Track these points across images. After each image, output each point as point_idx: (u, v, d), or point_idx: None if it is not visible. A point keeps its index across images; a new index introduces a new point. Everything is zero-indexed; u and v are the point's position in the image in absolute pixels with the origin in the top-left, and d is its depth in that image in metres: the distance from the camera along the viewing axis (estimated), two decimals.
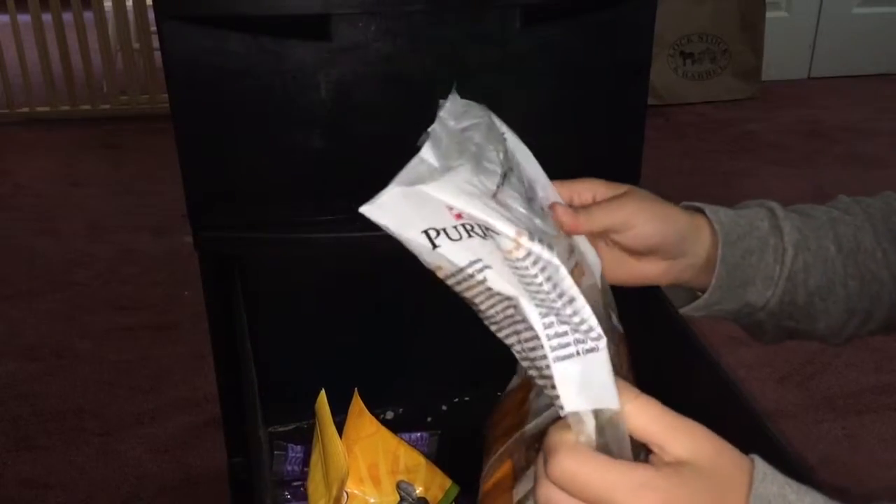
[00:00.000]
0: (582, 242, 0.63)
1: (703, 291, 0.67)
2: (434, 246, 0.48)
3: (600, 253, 0.64)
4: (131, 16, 3.02)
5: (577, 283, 0.48)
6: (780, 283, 0.65)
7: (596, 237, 0.64)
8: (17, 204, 2.54)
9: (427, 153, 0.55)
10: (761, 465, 0.49)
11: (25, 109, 3.04)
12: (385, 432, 0.74)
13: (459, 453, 0.78)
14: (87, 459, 1.59)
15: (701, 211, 0.67)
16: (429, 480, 0.76)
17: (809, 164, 2.74)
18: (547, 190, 0.63)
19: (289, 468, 0.84)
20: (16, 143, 2.93)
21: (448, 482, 0.78)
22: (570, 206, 0.63)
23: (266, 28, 0.83)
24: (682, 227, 0.64)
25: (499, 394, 0.73)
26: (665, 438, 0.45)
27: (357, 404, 0.75)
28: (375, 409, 0.78)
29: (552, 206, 0.62)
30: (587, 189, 0.64)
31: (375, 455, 0.72)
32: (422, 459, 0.77)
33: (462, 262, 0.47)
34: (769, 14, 3.19)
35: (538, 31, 0.88)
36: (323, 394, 0.73)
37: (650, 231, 0.63)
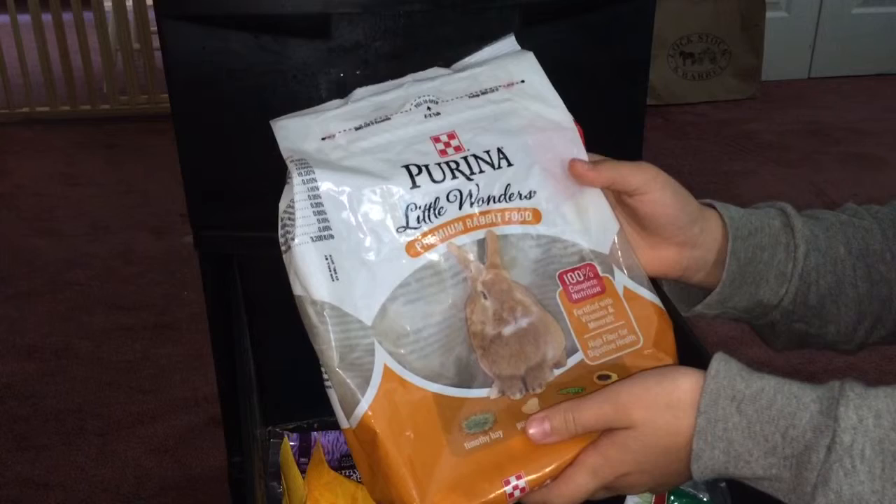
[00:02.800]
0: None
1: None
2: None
3: None
4: (131, 16, 3.02)
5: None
6: (793, 280, 0.65)
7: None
8: (17, 204, 2.54)
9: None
10: (715, 364, 0.54)
11: (25, 109, 3.04)
12: (343, 479, 0.79)
13: None
14: (87, 459, 1.59)
15: (711, 207, 0.67)
16: None
17: (809, 164, 2.74)
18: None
19: None
20: (16, 143, 2.93)
21: None
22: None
23: (266, 27, 0.83)
24: (694, 209, 0.65)
25: None
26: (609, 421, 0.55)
27: (318, 454, 0.80)
28: None
29: (571, 161, 0.64)
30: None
31: (335, 497, 0.78)
32: None
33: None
34: (769, 14, 3.19)
35: (538, 31, 0.88)
36: (286, 440, 0.82)
37: (667, 200, 0.63)
